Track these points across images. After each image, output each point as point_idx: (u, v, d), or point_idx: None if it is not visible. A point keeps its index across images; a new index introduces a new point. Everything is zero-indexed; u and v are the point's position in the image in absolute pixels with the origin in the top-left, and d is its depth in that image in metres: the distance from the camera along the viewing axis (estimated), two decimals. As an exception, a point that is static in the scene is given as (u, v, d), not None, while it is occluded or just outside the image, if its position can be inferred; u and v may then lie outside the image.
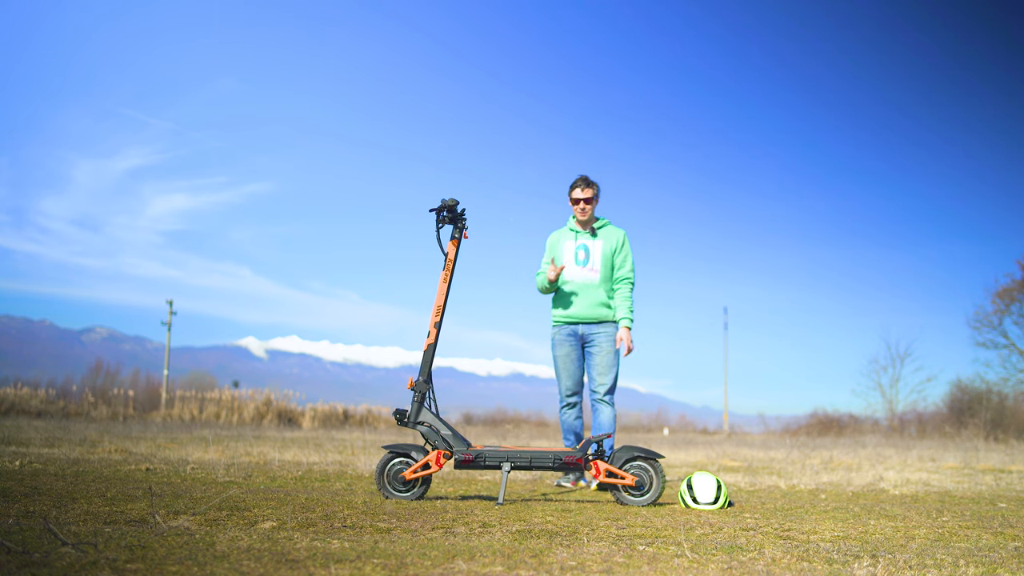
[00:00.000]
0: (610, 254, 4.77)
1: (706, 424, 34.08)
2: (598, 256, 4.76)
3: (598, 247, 4.77)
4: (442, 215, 3.76)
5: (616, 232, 4.84)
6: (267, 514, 2.79)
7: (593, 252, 4.77)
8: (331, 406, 22.58)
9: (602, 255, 4.76)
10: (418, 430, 3.66)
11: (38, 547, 1.97)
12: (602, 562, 2.06)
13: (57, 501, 2.98)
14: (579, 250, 4.78)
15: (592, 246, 4.77)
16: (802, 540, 2.57)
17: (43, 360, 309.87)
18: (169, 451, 6.48)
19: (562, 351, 4.76)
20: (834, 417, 25.84)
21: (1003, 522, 3.21)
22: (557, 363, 4.79)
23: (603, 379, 4.65)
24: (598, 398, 4.67)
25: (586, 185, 4.77)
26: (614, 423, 4.69)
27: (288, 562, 1.91)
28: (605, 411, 4.65)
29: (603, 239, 4.80)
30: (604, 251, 4.77)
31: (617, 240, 4.80)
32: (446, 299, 3.74)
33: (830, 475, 5.65)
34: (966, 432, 16.63)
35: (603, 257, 4.75)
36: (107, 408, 20.07)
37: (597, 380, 4.68)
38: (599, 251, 4.76)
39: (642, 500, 3.56)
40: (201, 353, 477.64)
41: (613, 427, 4.64)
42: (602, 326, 4.68)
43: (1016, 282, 25.12)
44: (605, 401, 4.66)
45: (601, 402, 4.66)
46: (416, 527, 2.63)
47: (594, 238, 4.79)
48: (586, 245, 4.78)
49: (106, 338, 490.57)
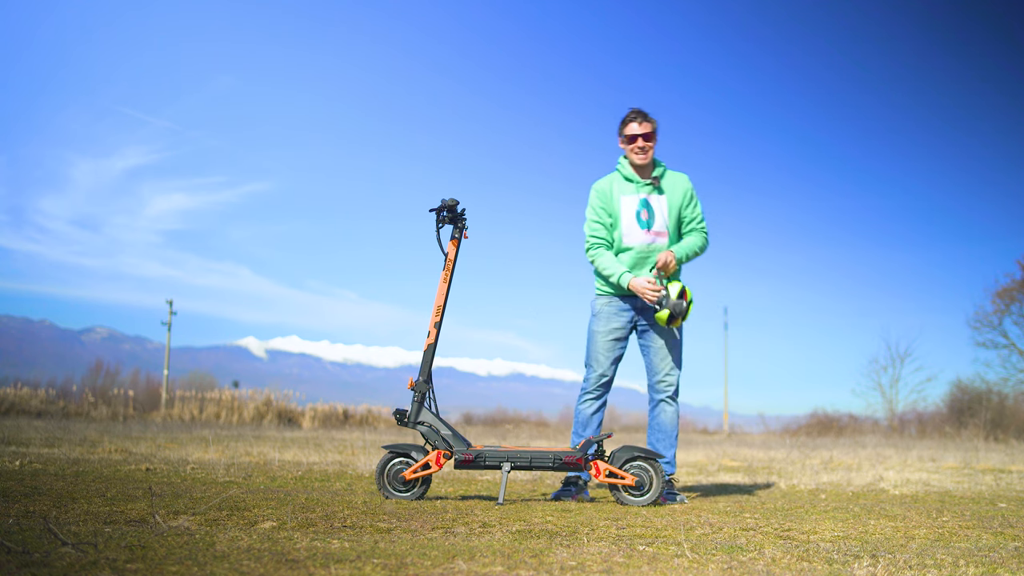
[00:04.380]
0: (677, 209, 3.87)
1: (706, 424, 34.08)
2: (663, 213, 3.84)
3: (663, 203, 3.85)
4: (442, 215, 3.76)
5: (679, 179, 3.93)
6: (267, 514, 2.79)
7: (657, 209, 3.84)
8: (331, 406, 22.57)
9: (669, 211, 3.85)
10: (418, 430, 3.66)
11: (38, 547, 1.97)
12: (602, 562, 2.06)
13: (57, 501, 2.98)
14: (641, 208, 3.84)
15: (656, 202, 3.85)
16: (802, 540, 2.57)
17: (43, 360, 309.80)
18: (169, 451, 6.48)
19: (606, 326, 3.90)
20: (834, 417, 25.82)
21: (1003, 522, 3.21)
22: (594, 340, 3.93)
23: (669, 370, 3.89)
24: (664, 397, 3.91)
25: (644, 118, 3.84)
26: (677, 426, 3.95)
27: (288, 562, 1.91)
28: (669, 411, 3.92)
29: (668, 191, 3.88)
30: (671, 206, 3.86)
31: (684, 190, 3.90)
32: (446, 299, 3.74)
33: (830, 475, 5.65)
34: (966, 432, 16.62)
35: (670, 213, 3.85)
36: (107, 408, 20.06)
37: (663, 372, 3.89)
38: (664, 207, 3.85)
39: (642, 500, 3.56)
40: (201, 353, 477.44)
41: (676, 432, 3.93)
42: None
43: (1016, 282, 25.13)
44: (671, 400, 3.93)
45: (667, 401, 3.92)
46: (416, 527, 2.63)
47: (658, 192, 3.87)
48: (647, 201, 3.85)
49: (106, 338, 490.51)
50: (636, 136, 3.84)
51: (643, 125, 3.84)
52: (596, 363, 3.94)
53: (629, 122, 3.87)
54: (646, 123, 3.84)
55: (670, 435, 3.93)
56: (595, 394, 3.97)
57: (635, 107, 3.89)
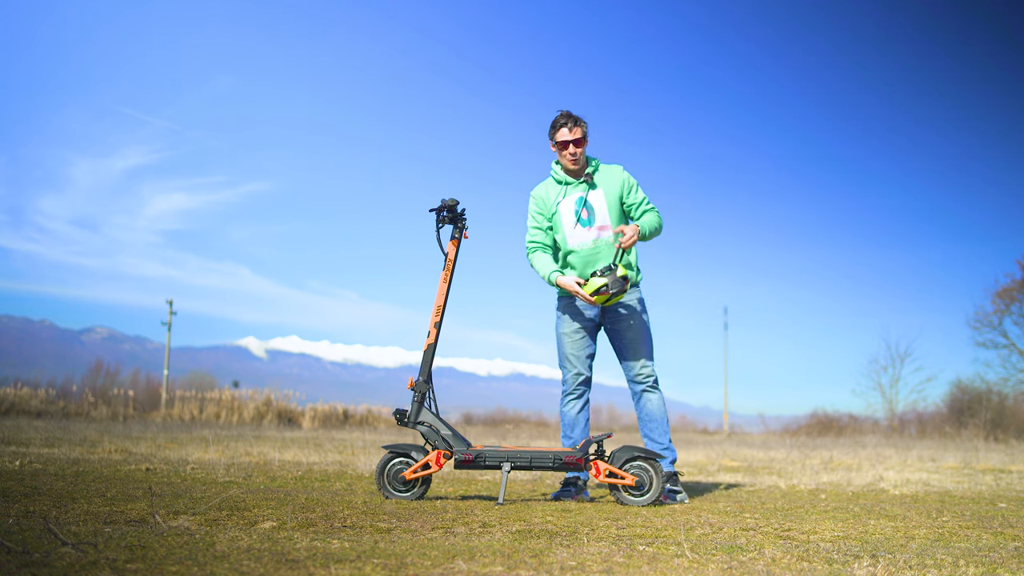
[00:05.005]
0: (617, 199, 3.88)
1: (706, 424, 34.11)
2: (603, 207, 3.86)
3: (600, 197, 3.87)
4: (442, 215, 3.76)
5: (613, 170, 3.94)
6: (267, 514, 2.79)
7: (597, 205, 3.86)
8: (331, 406, 22.57)
9: (608, 205, 3.86)
10: (418, 430, 3.66)
11: (38, 547, 1.97)
12: (602, 562, 2.06)
13: (57, 501, 2.98)
14: (579, 208, 3.87)
15: (594, 198, 3.87)
16: (802, 540, 2.57)
17: (43, 360, 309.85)
18: (169, 451, 6.48)
19: (570, 327, 3.94)
20: (834, 417, 25.82)
21: (1003, 522, 3.21)
22: (563, 343, 3.96)
23: (644, 360, 3.89)
24: (645, 387, 3.91)
25: (573, 123, 3.82)
26: (666, 412, 3.95)
27: (288, 562, 1.91)
28: (654, 399, 3.91)
29: (603, 185, 3.89)
30: (609, 199, 3.87)
31: (620, 180, 3.90)
32: (446, 299, 3.74)
33: (830, 475, 5.64)
34: (966, 432, 16.62)
35: (610, 206, 3.86)
36: (107, 408, 20.05)
37: (636, 364, 3.90)
38: (603, 201, 3.87)
39: (642, 500, 3.56)
40: (201, 353, 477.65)
41: (666, 418, 3.93)
42: (625, 294, 3.81)
43: (1016, 282, 25.13)
44: (652, 388, 3.92)
45: (649, 390, 3.92)
46: (416, 527, 2.63)
47: (593, 188, 3.88)
48: (584, 199, 3.86)
49: (106, 338, 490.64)
50: (567, 142, 3.84)
51: (574, 131, 3.83)
52: (569, 363, 3.97)
53: (560, 127, 3.85)
54: (576, 128, 3.83)
55: (661, 422, 3.93)
56: (576, 394, 3.99)
57: (564, 110, 3.88)
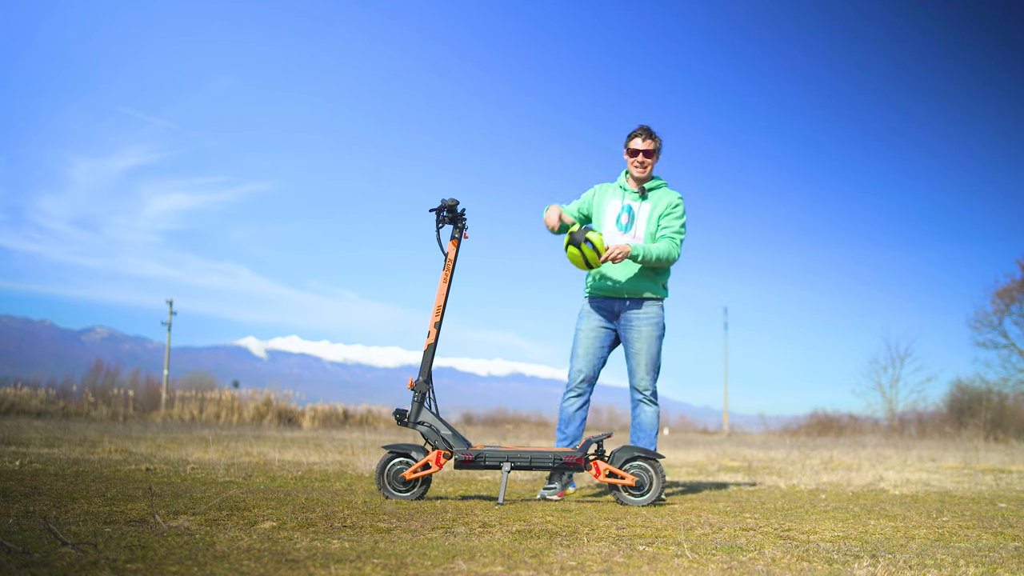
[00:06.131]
0: (658, 218, 4.06)
1: (706, 424, 34.15)
2: (643, 220, 4.04)
3: (644, 210, 4.06)
4: (442, 215, 3.76)
5: (670, 194, 4.12)
6: (267, 514, 2.79)
7: (639, 216, 4.05)
8: (331, 406, 22.57)
9: (648, 219, 4.04)
10: (418, 430, 3.66)
11: (38, 547, 1.97)
12: (602, 562, 2.06)
13: (57, 501, 2.98)
14: (623, 212, 4.07)
15: (638, 209, 4.06)
16: (802, 540, 2.57)
17: (43, 360, 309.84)
18: (169, 451, 6.48)
19: (588, 324, 4.10)
20: (834, 417, 25.85)
21: (1003, 522, 3.21)
22: (577, 338, 4.12)
23: (648, 373, 4.03)
24: (644, 397, 4.05)
25: (648, 136, 4.06)
26: (657, 425, 4.08)
27: (288, 562, 1.91)
28: (648, 411, 4.07)
29: (652, 201, 4.08)
30: (651, 215, 4.05)
31: (669, 202, 4.07)
32: (446, 299, 3.74)
33: (830, 475, 5.65)
34: (966, 432, 16.62)
35: (649, 221, 4.04)
36: (107, 408, 20.05)
37: (640, 374, 4.03)
38: (644, 215, 4.05)
39: (642, 500, 3.56)
40: (201, 353, 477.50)
41: (656, 430, 4.07)
42: (644, 305, 4.02)
43: (1016, 282, 25.16)
44: (651, 400, 4.06)
45: (646, 401, 4.06)
46: (416, 527, 2.63)
47: (642, 200, 4.08)
48: (631, 207, 4.07)
49: (106, 338, 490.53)
50: (638, 151, 4.05)
51: (647, 142, 4.05)
52: (578, 359, 4.10)
53: (635, 137, 4.08)
54: (650, 140, 4.05)
55: (650, 434, 4.07)
56: (577, 391, 4.09)
57: (644, 124, 4.10)
